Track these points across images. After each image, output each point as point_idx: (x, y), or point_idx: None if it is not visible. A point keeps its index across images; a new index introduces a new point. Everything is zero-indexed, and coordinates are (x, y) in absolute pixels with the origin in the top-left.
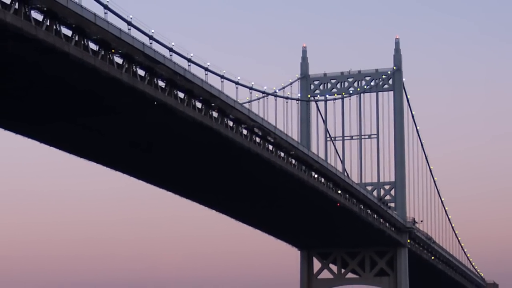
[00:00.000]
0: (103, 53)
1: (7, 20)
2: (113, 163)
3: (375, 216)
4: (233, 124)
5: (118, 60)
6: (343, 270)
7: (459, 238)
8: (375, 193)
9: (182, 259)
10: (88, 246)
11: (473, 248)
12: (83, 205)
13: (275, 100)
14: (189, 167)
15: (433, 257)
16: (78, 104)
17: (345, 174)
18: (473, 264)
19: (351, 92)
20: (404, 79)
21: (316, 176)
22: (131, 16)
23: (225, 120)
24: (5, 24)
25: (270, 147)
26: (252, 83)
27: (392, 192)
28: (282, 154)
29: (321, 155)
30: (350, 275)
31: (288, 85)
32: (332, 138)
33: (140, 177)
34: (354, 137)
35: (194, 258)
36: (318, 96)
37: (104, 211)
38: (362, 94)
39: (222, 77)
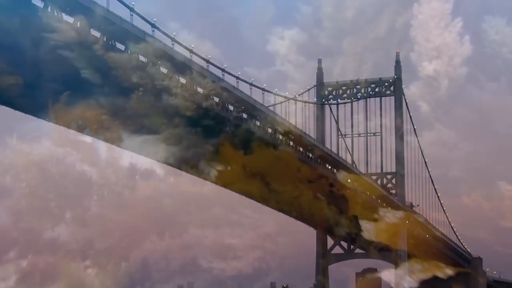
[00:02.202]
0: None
1: None
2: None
3: (379, 200)
4: (260, 124)
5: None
6: (352, 246)
7: (449, 220)
8: (379, 181)
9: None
10: None
11: (462, 228)
12: None
13: (295, 103)
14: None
15: (427, 236)
16: None
17: (354, 165)
18: (461, 241)
19: (359, 97)
20: (403, 86)
21: (329, 167)
22: (174, 33)
23: (253, 120)
24: None
25: (291, 143)
26: (276, 89)
27: (393, 181)
28: (301, 149)
29: (334, 149)
30: (358, 250)
31: (306, 91)
32: (343, 135)
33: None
34: (361, 135)
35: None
36: (331, 100)
37: None
38: (368, 99)
39: (251, 84)
